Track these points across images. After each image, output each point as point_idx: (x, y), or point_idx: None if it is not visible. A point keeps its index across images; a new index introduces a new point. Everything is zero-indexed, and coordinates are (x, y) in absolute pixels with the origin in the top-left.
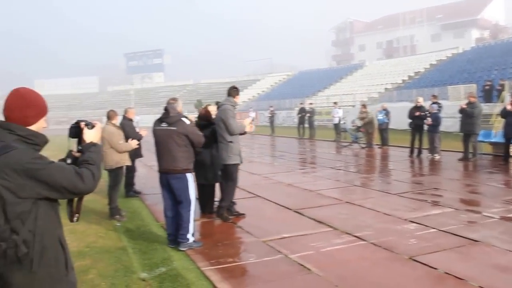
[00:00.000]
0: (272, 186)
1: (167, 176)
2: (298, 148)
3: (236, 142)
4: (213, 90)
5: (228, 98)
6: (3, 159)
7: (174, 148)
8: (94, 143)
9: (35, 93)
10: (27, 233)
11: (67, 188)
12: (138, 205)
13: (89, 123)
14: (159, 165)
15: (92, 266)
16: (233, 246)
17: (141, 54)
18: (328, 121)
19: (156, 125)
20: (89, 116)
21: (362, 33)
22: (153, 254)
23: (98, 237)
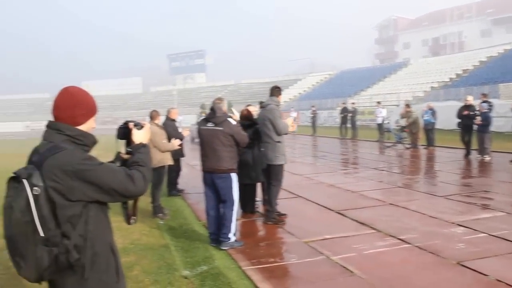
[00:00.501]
0: (314, 186)
1: (212, 176)
2: (340, 148)
3: (283, 142)
4: (254, 90)
5: (272, 98)
6: (52, 161)
7: (219, 148)
8: (144, 144)
9: (84, 92)
10: (78, 237)
11: (117, 190)
12: (180, 204)
13: (138, 123)
14: (203, 165)
15: (136, 262)
16: (274, 246)
17: (184, 55)
18: (371, 121)
19: (202, 124)
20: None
21: (406, 30)
22: (195, 253)
23: (142, 235)
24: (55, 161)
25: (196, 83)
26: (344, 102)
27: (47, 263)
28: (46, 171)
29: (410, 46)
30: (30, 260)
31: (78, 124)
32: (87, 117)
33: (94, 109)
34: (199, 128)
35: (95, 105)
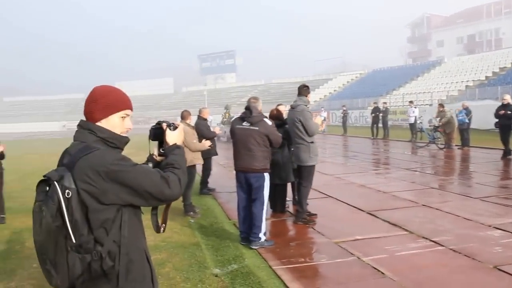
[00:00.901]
0: (344, 186)
1: (245, 175)
2: (372, 148)
3: (315, 142)
4: (284, 90)
5: (301, 97)
6: (84, 162)
7: (254, 147)
8: (178, 145)
9: (108, 88)
10: (111, 244)
11: (152, 193)
12: (211, 203)
13: (172, 124)
14: (237, 164)
15: (167, 260)
16: (304, 246)
17: (214, 55)
18: (403, 120)
19: (237, 123)
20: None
21: (440, 28)
22: (226, 251)
23: (173, 233)
24: (87, 162)
25: (226, 83)
26: (375, 102)
27: (80, 271)
28: (78, 172)
29: (443, 44)
30: (61, 268)
31: (95, 120)
32: (106, 112)
33: (116, 105)
34: (233, 127)
35: (120, 102)
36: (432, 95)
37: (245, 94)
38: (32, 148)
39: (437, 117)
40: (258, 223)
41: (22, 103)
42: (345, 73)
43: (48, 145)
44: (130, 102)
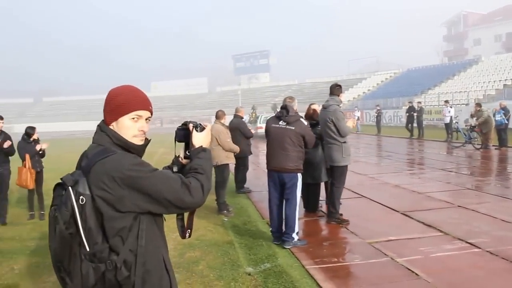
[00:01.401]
0: (378, 186)
1: (279, 175)
2: (406, 148)
3: (348, 142)
4: (318, 89)
5: (333, 97)
6: (101, 166)
7: (289, 147)
8: (204, 148)
9: (119, 89)
10: (128, 253)
11: (172, 201)
12: (244, 202)
13: (199, 124)
14: (270, 163)
15: (201, 258)
16: (337, 246)
17: (248, 55)
18: (438, 120)
19: (273, 122)
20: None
21: (477, 26)
22: (259, 250)
23: (207, 231)
24: (103, 167)
25: (260, 83)
26: (410, 101)
27: (94, 281)
28: (93, 178)
29: (481, 42)
30: (75, 277)
31: (108, 123)
32: (115, 115)
33: (125, 106)
34: (269, 126)
35: (131, 102)
36: (468, 94)
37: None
38: (70, 146)
39: (474, 117)
40: (291, 223)
41: (61, 103)
42: (379, 72)
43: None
44: (144, 103)
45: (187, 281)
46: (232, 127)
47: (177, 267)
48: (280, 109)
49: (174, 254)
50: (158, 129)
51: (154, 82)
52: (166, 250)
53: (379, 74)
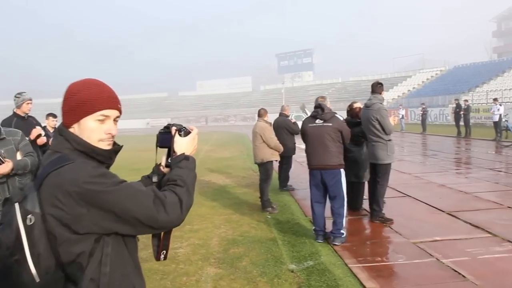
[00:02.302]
0: (423, 186)
1: (321, 172)
2: (452, 147)
3: (393, 140)
4: (362, 87)
5: (375, 95)
6: (54, 178)
7: (330, 144)
8: (187, 156)
9: (80, 83)
10: (88, 283)
11: (141, 220)
12: (288, 199)
13: (183, 128)
14: (312, 161)
15: (245, 254)
16: (381, 245)
17: (292, 54)
18: (487, 118)
19: (309, 122)
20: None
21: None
22: (302, 247)
23: (251, 228)
24: (57, 179)
25: (303, 81)
26: (457, 99)
27: None
28: (45, 192)
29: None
30: None
31: (67, 125)
32: (76, 115)
33: (88, 104)
34: (306, 126)
35: (94, 100)
36: None
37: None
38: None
39: None
40: (340, 219)
41: None
42: (425, 70)
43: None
44: (112, 100)
45: (231, 277)
46: (277, 125)
47: (221, 262)
48: (315, 108)
49: (218, 249)
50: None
51: (200, 81)
52: (139, 278)
53: (425, 72)
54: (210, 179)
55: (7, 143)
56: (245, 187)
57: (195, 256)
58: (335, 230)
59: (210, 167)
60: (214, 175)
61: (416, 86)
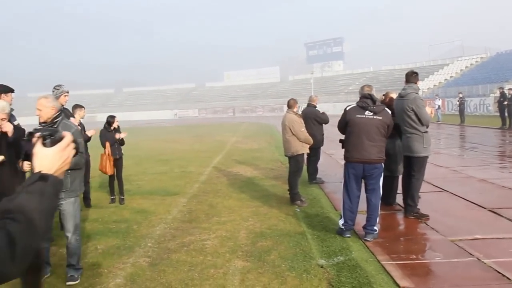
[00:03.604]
0: (461, 180)
1: (365, 166)
2: (494, 139)
3: (429, 132)
4: (395, 77)
5: (410, 85)
6: None
7: (377, 137)
8: (45, 175)
9: None
10: None
11: None
12: (317, 193)
13: (49, 134)
14: (355, 154)
15: (273, 247)
16: (416, 242)
17: (321, 43)
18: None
19: (357, 113)
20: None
21: None
22: (332, 242)
23: (279, 221)
24: None
25: (333, 71)
26: (501, 88)
27: None
28: None
29: None
30: None
31: None
32: None
33: None
34: (353, 116)
35: None
36: None
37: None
38: (147, 134)
39: None
40: (376, 215)
41: (139, 93)
42: (464, 57)
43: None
44: None
45: (259, 270)
46: (305, 116)
47: (248, 255)
48: (363, 98)
49: (246, 242)
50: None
51: (227, 71)
52: None
53: (464, 59)
54: (237, 171)
55: None
56: (274, 180)
57: (223, 248)
58: (369, 225)
59: (238, 159)
60: (241, 167)
61: (454, 75)
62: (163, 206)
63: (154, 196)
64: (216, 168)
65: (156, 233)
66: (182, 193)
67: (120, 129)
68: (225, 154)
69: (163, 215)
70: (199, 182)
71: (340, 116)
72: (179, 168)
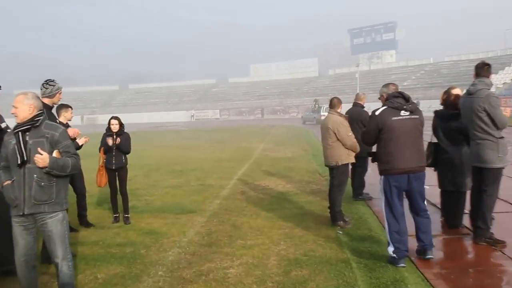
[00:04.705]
0: None
1: (410, 177)
2: None
3: (505, 138)
4: (461, 69)
5: (481, 79)
6: None
7: (419, 140)
8: None
9: None
10: None
11: None
12: (364, 211)
13: None
14: (397, 164)
15: (310, 278)
16: (489, 275)
17: (369, 29)
18: None
19: (392, 115)
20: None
21: None
22: (382, 273)
23: (317, 245)
24: None
25: (384, 63)
26: None
27: None
28: None
29: None
30: None
31: None
32: None
33: None
34: (388, 120)
35: None
36: None
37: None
38: (158, 140)
39: None
40: (430, 230)
41: (148, 90)
42: None
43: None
44: None
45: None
46: (351, 118)
47: (280, 287)
48: (393, 97)
49: (277, 271)
50: (258, 120)
51: (254, 64)
52: None
53: None
54: (267, 184)
55: (39, 133)
56: (311, 195)
57: (249, 278)
58: (428, 243)
59: (267, 170)
60: (272, 180)
61: None
62: (177, 226)
63: (166, 214)
64: (241, 180)
65: (168, 259)
66: (200, 211)
67: (123, 130)
68: (252, 164)
69: (177, 237)
70: (220, 197)
71: (368, 126)
72: (196, 180)
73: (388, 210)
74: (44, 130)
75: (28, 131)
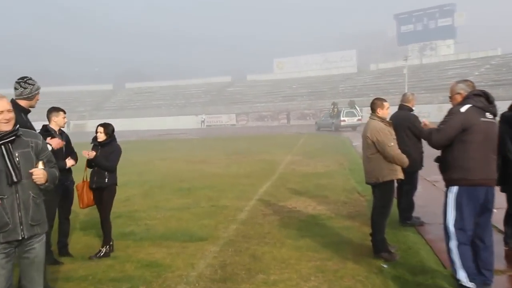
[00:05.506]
0: None
1: (488, 190)
2: None
3: None
4: None
5: None
6: None
7: (496, 149)
8: None
9: None
10: None
11: None
12: (414, 239)
13: None
14: (477, 173)
15: None
16: None
17: (420, 13)
18: None
19: (480, 115)
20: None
21: None
22: None
23: (356, 281)
24: None
25: (439, 55)
26: None
27: None
28: None
29: None
30: None
31: None
32: None
33: None
34: (475, 120)
35: None
36: None
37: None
38: (161, 151)
39: None
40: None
41: (149, 90)
42: None
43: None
44: None
45: None
46: (396, 124)
47: None
48: (474, 96)
49: None
50: (283, 127)
51: (278, 58)
52: None
53: None
54: (294, 205)
55: (23, 144)
56: (348, 219)
57: None
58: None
59: (295, 188)
60: (300, 200)
61: None
62: (183, 257)
63: (171, 242)
64: (263, 201)
65: None
66: (212, 238)
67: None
68: (276, 181)
69: (184, 270)
70: (237, 222)
71: (448, 123)
72: (207, 201)
73: (459, 232)
74: (25, 139)
75: (12, 142)
